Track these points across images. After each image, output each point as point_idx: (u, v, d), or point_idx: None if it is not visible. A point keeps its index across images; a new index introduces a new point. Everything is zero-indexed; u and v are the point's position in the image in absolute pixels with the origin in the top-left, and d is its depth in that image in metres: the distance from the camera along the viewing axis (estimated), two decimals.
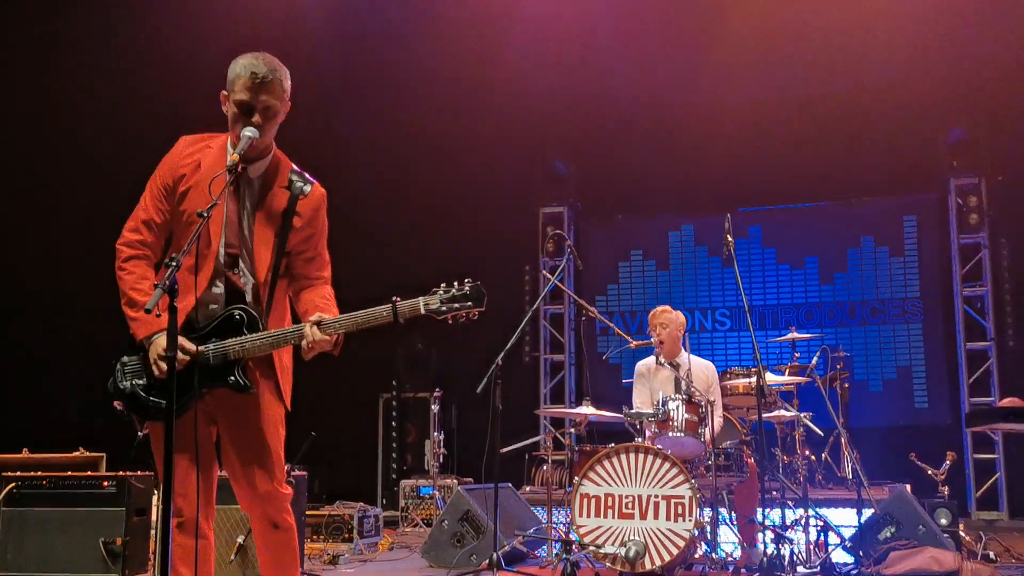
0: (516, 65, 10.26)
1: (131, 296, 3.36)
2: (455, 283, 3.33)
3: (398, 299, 3.32)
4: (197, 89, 5.56)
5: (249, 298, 3.45)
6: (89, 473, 6.45)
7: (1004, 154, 10.09)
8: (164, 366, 3.16)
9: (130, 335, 3.40)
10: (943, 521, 6.58)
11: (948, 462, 7.05)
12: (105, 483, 6.24)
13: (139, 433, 3.43)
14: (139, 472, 6.29)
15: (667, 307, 7.01)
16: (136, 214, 3.47)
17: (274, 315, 3.51)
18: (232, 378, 3.34)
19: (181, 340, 3.26)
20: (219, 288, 3.43)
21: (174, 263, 2.96)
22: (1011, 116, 9.77)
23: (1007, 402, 8.76)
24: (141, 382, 3.37)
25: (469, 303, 3.31)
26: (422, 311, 3.32)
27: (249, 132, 3.31)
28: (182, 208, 3.42)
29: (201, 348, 3.31)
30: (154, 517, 6.16)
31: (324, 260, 3.64)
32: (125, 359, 3.41)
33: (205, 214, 3.12)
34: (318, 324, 3.31)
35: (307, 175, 3.57)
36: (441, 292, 3.33)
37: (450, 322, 3.35)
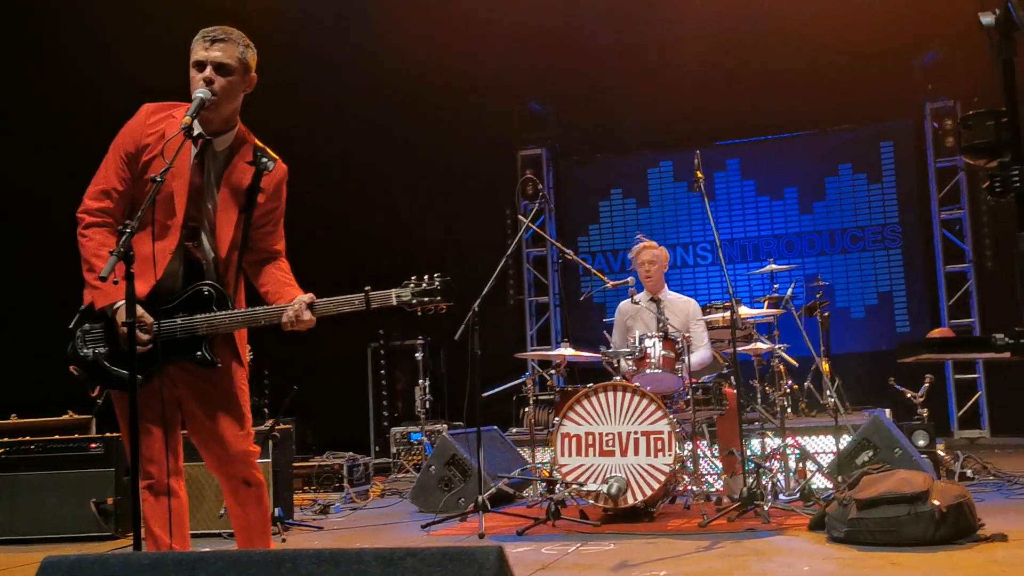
0: (490, 8, 10.14)
1: (92, 263, 3.32)
2: (426, 277, 3.39)
3: (370, 289, 3.37)
4: (160, 55, 5.52)
5: (209, 272, 3.45)
6: (76, 436, 6.53)
7: (979, 75, 10.03)
8: (137, 335, 3.18)
9: (90, 303, 3.39)
10: (920, 443, 6.71)
11: (926, 385, 7.15)
12: (93, 445, 6.33)
13: (91, 395, 3.45)
14: (116, 434, 6.37)
15: (652, 243, 6.97)
16: (96, 182, 3.43)
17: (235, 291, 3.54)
18: (199, 353, 3.37)
19: (140, 313, 3.25)
20: (178, 260, 3.43)
21: (128, 229, 2.96)
22: (985, 36, 9.68)
23: (936, 333, 8.89)
24: (103, 350, 3.36)
25: (438, 298, 3.37)
26: (393, 302, 3.37)
27: (200, 93, 3.28)
28: (146, 177, 3.36)
29: (151, 330, 3.30)
30: None
31: (280, 234, 3.65)
32: (87, 326, 3.40)
33: (159, 179, 3.10)
34: (310, 306, 3.36)
35: (270, 151, 3.56)
36: (412, 285, 3.38)
37: (419, 314, 3.41)
